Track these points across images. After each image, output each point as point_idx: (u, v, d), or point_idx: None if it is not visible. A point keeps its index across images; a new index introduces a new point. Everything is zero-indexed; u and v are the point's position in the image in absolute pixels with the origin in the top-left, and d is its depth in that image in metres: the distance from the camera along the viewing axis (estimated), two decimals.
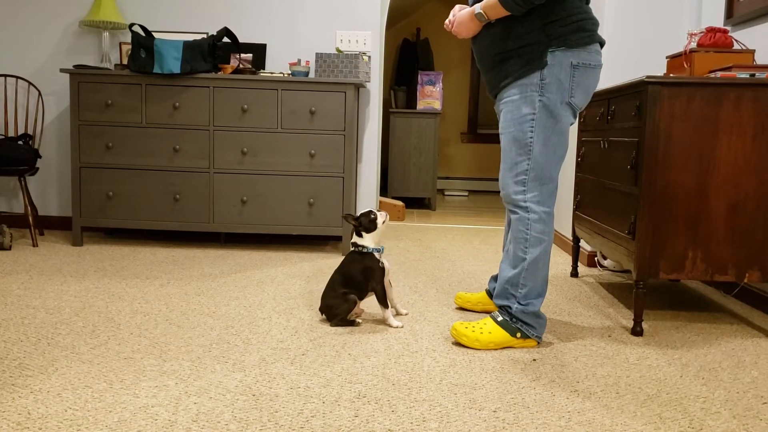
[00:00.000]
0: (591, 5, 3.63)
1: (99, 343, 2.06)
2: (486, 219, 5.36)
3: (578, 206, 3.11)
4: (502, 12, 2.05)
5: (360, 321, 2.33)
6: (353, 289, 2.29)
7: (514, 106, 2.10)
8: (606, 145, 2.68)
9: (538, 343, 2.16)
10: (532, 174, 2.09)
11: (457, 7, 2.26)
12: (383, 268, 2.30)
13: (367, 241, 2.32)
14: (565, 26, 2.04)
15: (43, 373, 1.79)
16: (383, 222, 2.34)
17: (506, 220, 2.35)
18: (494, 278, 2.50)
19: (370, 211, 2.34)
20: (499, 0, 2.02)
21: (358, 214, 2.37)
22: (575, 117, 2.13)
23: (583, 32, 2.05)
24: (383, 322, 2.34)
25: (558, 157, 2.12)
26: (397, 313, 2.45)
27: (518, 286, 2.12)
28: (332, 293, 2.31)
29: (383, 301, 2.31)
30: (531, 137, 2.08)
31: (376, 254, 2.32)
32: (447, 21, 2.25)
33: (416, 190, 6.04)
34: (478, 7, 2.10)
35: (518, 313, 2.11)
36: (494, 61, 2.14)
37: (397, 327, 2.31)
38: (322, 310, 2.34)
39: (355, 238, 2.34)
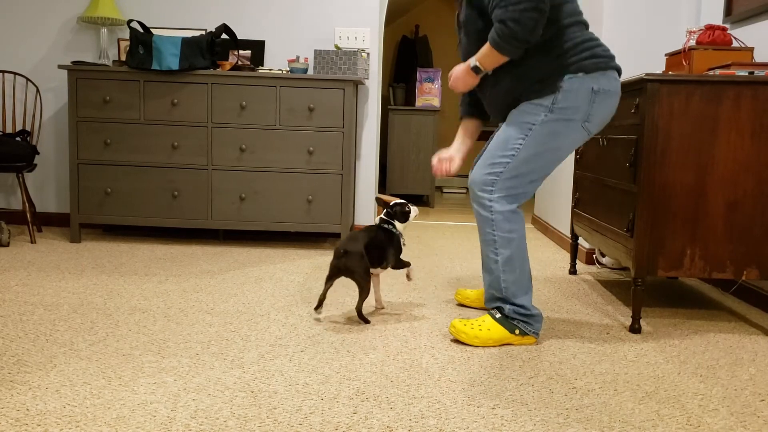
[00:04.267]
0: (589, 5, 3.62)
1: (97, 339, 2.05)
2: None
3: (577, 204, 3.11)
4: (499, 59, 2.01)
5: (370, 320, 2.33)
6: (371, 258, 2.28)
7: (515, 115, 2.08)
8: (605, 143, 2.69)
9: (537, 338, 2.16)
10: (505, 176, 2.06)
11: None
12: (401, 250, 2.39)
13: (398, 226, 2.39)
14: (578, 53, 2.01)
15: (42, 370, 1.79)
16: (413, 216, 2.42)
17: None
18: None
19: (405, 203, 2.40)
20: (492, 46, 1.98)
21: (391, 204, 2.42)
22: (582, 142, 2.11)
23: (597, 58, 2.03)
24: (406, 276, 2.50)
25: (540, 174, 2.08)
26: (379, 306, 2.49)
27: (501, 289, 2.11)
28: (361, 256, 2.22)
29: (403, 264, 2.40)
30: (520, 144, 2.04)
31: (402, 240, 2.39)
32: (449, 78, 2.23)
33: (415, 188, 6.04)
34: (473, 60, 2.07)
35: (511, 314, 2.11)
36: (509, 107, 2.12)
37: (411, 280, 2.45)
38: (340, 266, 2.23)
39: (386, 218, 2.40)
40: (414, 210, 2.42)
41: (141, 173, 3.57)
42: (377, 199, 2.43)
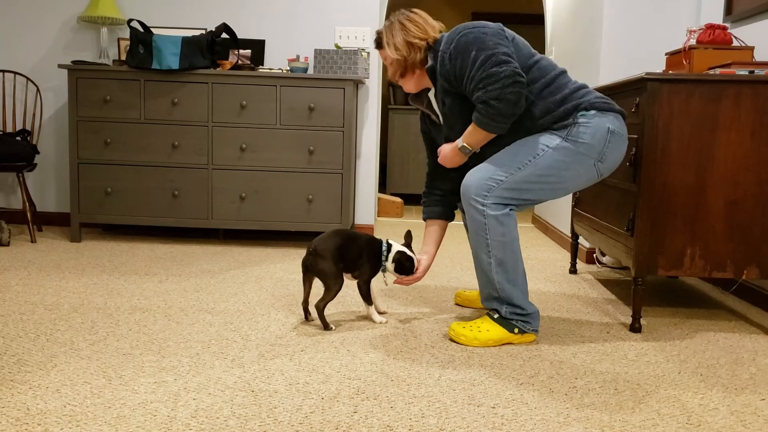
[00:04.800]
0: (589, 4, 3.62)
1: (98, 339, 2.05)
2: None
3: (577, 203, 3.11)
4: (487, 137, 2.01)
5: (333, 327, 2.24)
6: (348, 262, 2.23)
7: (534, 135, 2.05)
8: None
9: (536, 335, 2.16)
10: (504, 186, 2.02)
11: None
12: (375, 273, 2.29)
13: (389, 263, 2.27)
14: (582, 96, 2.01)
15: (42, 369, 1.79)
16: (412, 272, 2.30)
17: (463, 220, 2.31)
18: None
19: (413, 259, 2.30)
20: (480, 127, 1.98)
21: (398, 249, 2.29)
22: (591, 183, 2.10)
23: (603, 99, 2.03)
24: (366, 317, 2.36)
25: (535, 196, 2.06)
26: (380, 312, 2.41)
27: (497, 290, 2.11)
28: (332, 256, 2.19)
29: (367, 298, 2.30)
30: (529, 161, 2.01)
31: (385, 264, 2.27)
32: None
33: (414, 187, 6.04)
34: (460, 142, 2.07)
35: (508, 315, 2.11)
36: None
37: (381, 322, 2.30)
38: (308, 264, 2.20)
39: (391, 243, 2.30)
40: (416, 269, 2.31)
41: (141, 173, 3.57)
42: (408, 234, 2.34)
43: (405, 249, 2.30)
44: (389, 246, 2.29)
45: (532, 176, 2.02)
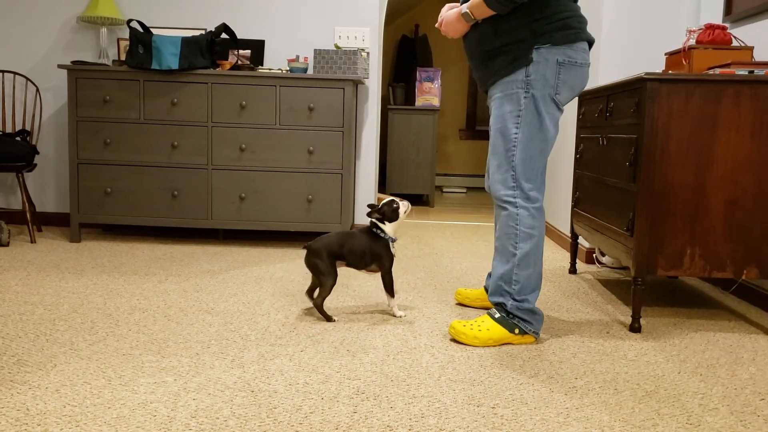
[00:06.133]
0: (589, 4, 3.62)
1: (97, 339, 2.05)
2: (484, 216, 5.36)
3: (577, 203, 3.11)
4: (488, 11, 2.06)
5: (336, 318, 2.33)
6: (351, 259, 2.31)
7: (500, 103, 2.12)
8: (605, 142, 2.68)
9: (536, 338, 2.16)
10: (519, 169, 2.10)
11: (446, 6, 2.27)
12: (392, 258, 2.35)
13: (388, 228, 2.35)
14: (551, 23, 2.05)
15: (42, 370, 1.79)
16: (405, 212, 2.37)
17: (495, 214, 2.35)
18: (491, 275, 2.50)
19: (393, 200, 2.37)
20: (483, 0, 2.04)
21: (380, 204, 2.37)
22: (560, 112, 2.14)
23: (568, 29, 2.06)
24: (387, 311, 2.41)
25: (543, 152, 2.13)
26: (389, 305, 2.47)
27: (511, 283, 2.12)
28: (324, 253, 2.29)
29: (390, 290, 2.36)
30: (516, 133, 2.09)
31: (391, 243, 2.35)
32: (437, 22, 2.26)
33: (414, 187, 6.04)
34: (464, 7, 2.12)
35: (514, 310, 2.11)
36: (483, 58, 2.15)
37: (400, 317, 2.38)
38: (305, 262, 2.34)
39: (374, 221, 2.36)
40: (404, 205, 2.38)
41: (141, 173, 3.57)
42: (368, 214, 2.38)
43: (379, 209, 2.35)
44: (375, 224, 2.36)
45: (528, 145, 2.09)
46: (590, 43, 2.14)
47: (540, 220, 2.13)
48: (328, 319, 2.31)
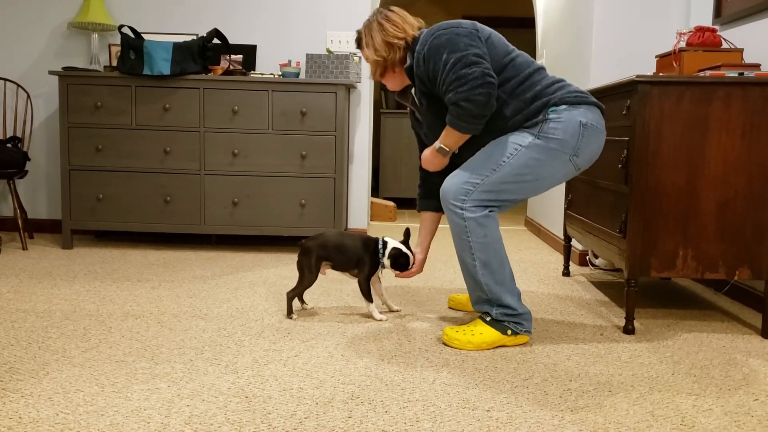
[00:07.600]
0: (580, 7, 3.64)
1: (90, 346, 2.04)
2: None
3: (569, 205, 3.12)
4: (462, 137, 2.04)
5: (295, 317, 2.38)
6: (337, 258, 2.34)
7: (506, 136, 2.06)
8: None
9: (529, 336, 2.16)
10: (481, 189, 2.04)
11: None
12: (373, 270, 2.36)
13: (386, 261, 2.35)
14: (554, 92, 2.02)
15: (34, 377, 1.78)
16: (409, 265, 2.37)
17: None
18: None
19: (409, 257, 2.35)
20: (453, 128, 2.00)
21: (393, 246, 2.35)
22: (569, 177, 2.11)
23: (577, 93, 2.04)
24: (368, 315, 2.44)
25: (514, 196, 2.07)
26: (390, 310, 2.50)
27: (485, 292, 2.11)
28: (313, 254, 2.33)
29: (367, 294, 2.37)
30: (504, 161, 2.03)
31: (382, 261, 2.34)
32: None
33: (407, 191, 6.04)
34: (438, 143, 2.10)
35: (500, 317, 2.11)
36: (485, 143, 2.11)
37: (380, 320, 2.38)
38: (297, 260, 2.38)
39: (387, 240, 2.36)
40: (411, 261, 2.38)
41: (133, 179, 3.56)
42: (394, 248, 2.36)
43: (400, 246, 2.36)
44: (385, 243, 2.36)
45: (508, 176, 2.03)
46: (602, 110, 2.10)
47: (489, 226, 2.06)
48: (289, 312, 2.37)
